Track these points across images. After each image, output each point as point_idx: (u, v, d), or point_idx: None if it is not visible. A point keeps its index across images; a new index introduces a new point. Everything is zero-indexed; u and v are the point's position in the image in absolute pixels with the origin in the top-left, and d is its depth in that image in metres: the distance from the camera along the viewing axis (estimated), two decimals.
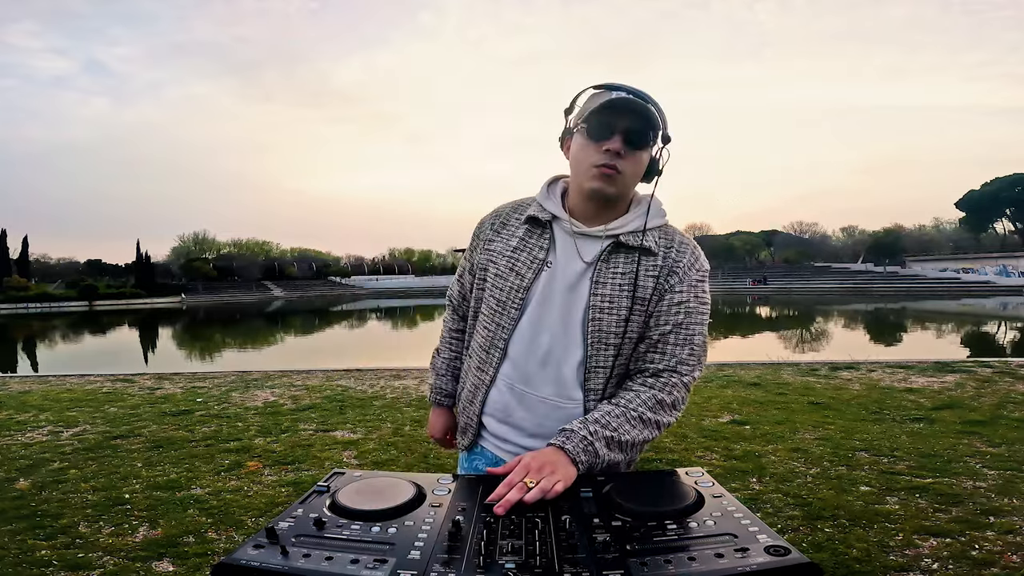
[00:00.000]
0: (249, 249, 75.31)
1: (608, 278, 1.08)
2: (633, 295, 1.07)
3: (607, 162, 1.03)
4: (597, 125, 1.03)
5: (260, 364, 11.80)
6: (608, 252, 1.09)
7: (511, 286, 1.12)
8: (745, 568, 0.67)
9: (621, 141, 1.03)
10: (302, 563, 0.70)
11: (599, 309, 1.07)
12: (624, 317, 1.07)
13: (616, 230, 1.09)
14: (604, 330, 1.07)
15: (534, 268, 1.11)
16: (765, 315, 28.63)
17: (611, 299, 1.07)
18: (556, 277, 1.10)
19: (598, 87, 1.08)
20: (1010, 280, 43.78)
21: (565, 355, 1.10)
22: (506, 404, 1.15)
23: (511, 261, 1.13)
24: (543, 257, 1.11)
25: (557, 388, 1.11)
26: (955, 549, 2.46)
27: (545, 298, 1.10)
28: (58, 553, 2.57)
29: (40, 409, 5.62)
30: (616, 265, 1.08)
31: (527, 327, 1.11)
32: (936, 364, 7.14)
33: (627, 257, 1.09)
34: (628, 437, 1.01)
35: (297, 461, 3.87)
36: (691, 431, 4.40)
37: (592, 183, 1.06)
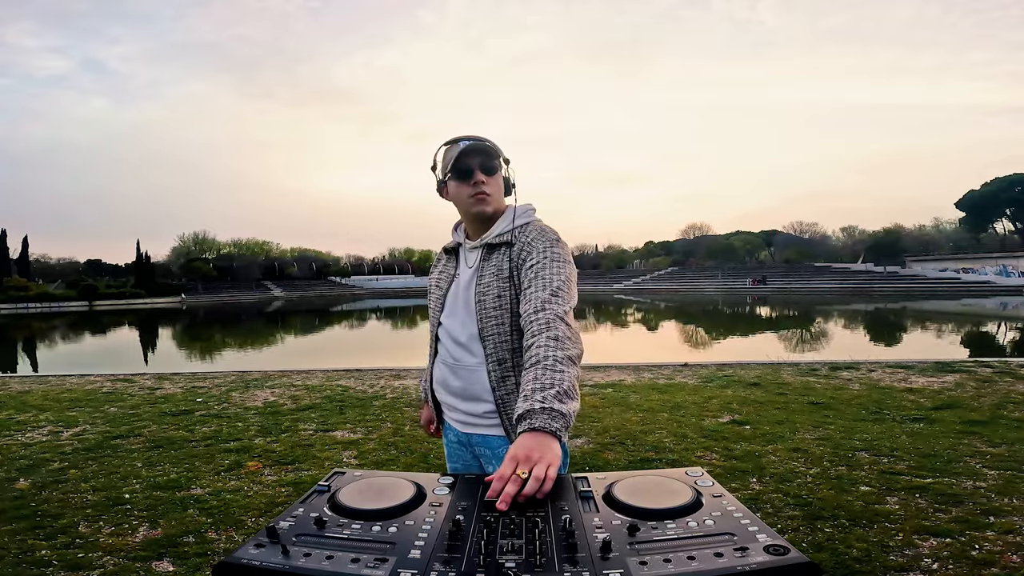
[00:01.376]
0: (249, 249, 75.23)
1: (486, 271, 1.43)
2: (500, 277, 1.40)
3: (477, 191, 1.41)
4: (461, 169, 1.42)
5: (260, 364, 11.80)
6: (487, 253, 1.45)
7: (435, 297, 1.55)
8: (745, 567, 0.68)
9: (480, 174, 1.41)
10: (303, 562, 0.71)
11: (482, 293, 1.42)
12: (496, 294, 1.40)
13: (486, 238, 1.45)
14: (487, 307, 1.40)
15: (447, 281, 1.53)
16: (765, 315, 28.63)
17: (488, 284, 1.41)
18: (459, 282, 1.50)
19: (448, 143, 1.46)
20: (1010, 280, 43.79)
21: (468, 331, 1.44)
22: (444, 376, 1.50)
23: (437, 281, 1.58)
24: (452, 272, 1.53)
25: (468, 355, 1.44)
26: (955, 549, 2.46)
27: (454, 299, 1.49)
28: (58, 553, 2.57)
29: (40, 409, 5.62)
30: (491, 261, 1.44)
31: (446, 320, 1.50)
32: (936, 364, 7.15)
33: (497, 253, 1.43)
34: (567, 383, 1.09)
35: (297, 461, 3.87)
36: (691, 431, 4.40)
37: (475, 208, 1.43)
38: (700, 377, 6.74)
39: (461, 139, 1.44)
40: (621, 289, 59.63)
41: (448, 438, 1.56)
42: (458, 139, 1.44)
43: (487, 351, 1.41)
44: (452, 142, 1.45)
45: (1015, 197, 56.70)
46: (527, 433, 1.00)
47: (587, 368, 7.38)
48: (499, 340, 1.39)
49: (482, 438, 1.42)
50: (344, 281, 74.23)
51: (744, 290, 51.22)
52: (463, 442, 1.48)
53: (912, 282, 48.01)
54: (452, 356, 1.48)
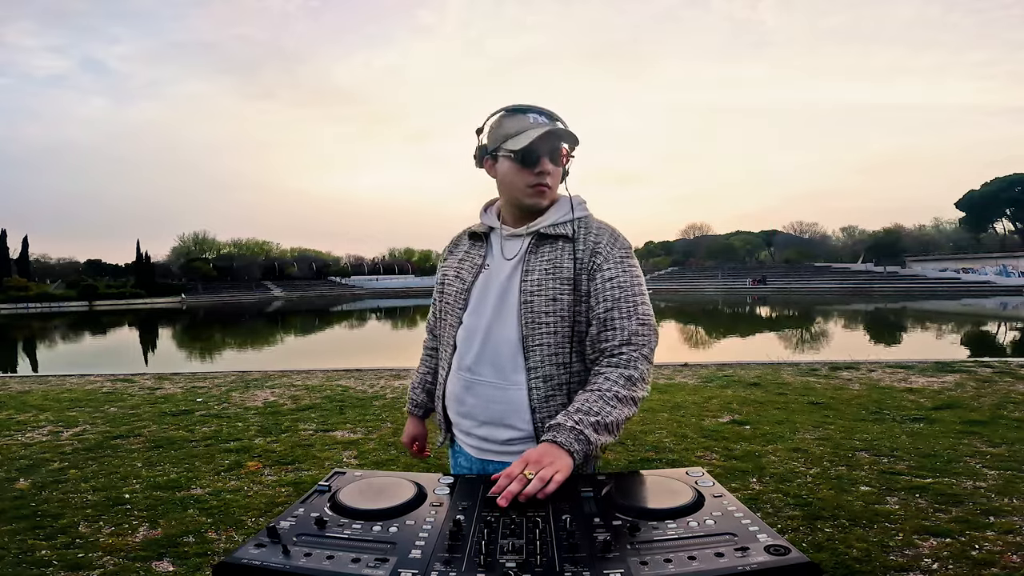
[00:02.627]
0: (249, 249, 75.25)
1: (535, 266, 1.21)
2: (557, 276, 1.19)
3: (540, 182, 1.20)
4: (527, 154, 1.18)
5: (260, 364, 11.80)
6: (535, 244, 1.23)
7: (456, 289, 1.29)
8: (745, 567, 0.68)
9: (548, 162, 1.20)
10: (303, 562, 0.71)
11: (529, 293, 1.19)
12: (552, 297, 1.18)
13: (536, 226, 1.24)
14: (535, 310, 1.18)
15: (473, 272, 1.28)
16: (765, 315, 28.63)
17: (539, 283, 1.19)
18: (492, 275, 1.25)
19: (510, 111, 1.22)
20: (1010, 280, 43.79)
21: (503, 338, 1.21)
22: (459, 394, 1.26)
23: (457, 271, 1.32)
24: (480, 262, 1.28)
25: (496, 371, 1.21)
26: (955, 549, 2.46)
27: (483, 294, 1.25)
28: (58, 553, 2.57)
29: (40, 409, 5.62)
30: (542, 255, 1.22)
31: (470, 321, 1.25)
32: (936, 364, 7.14)
33: (551, 247, 1.22)
34: (611, 418, 1.06)
35: (297, 461, 3.87)
36: (691, 431, 4.40)
37: (530, 200, 1.22)
38: (700, 377, 6.74)
39: (531, 111, 1.21)
40: None
41: (457, 461, 1.32)
42: (526, 109, 1.21)
43: (530, 363, 1.18)
44: (518, 111, 1.21)
45: (1015, 197, 56.68)
46: (546, 443, 1.01)
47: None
48: (548, 352, 1.18)
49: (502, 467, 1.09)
50: (344, 281, 74.23)
51: (744, 290, 51.21)
52: (476, 470, 1.25)
53: (912, 282, 48.01)
54: (472, 368, 1.23)
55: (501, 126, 1.22)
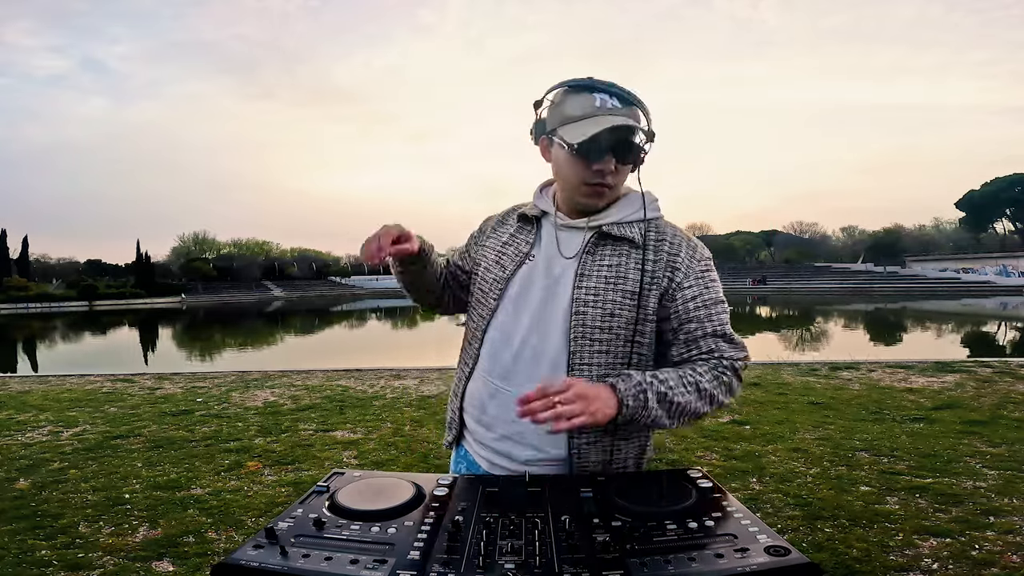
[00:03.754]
0: (249, 249, 75.30)
1: (593, 271, 1.04)
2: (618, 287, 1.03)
3: (599, 180, 1.03)
4: (588, 146, 0.98)
5: (260, 364, 11.80)
6: (594, 244, 1.06)
7: (494, 277, 1.12)
8: (745, 568, 0.67)
9: (613, 160, 1.01)
10: (301, 563, 0.71)
11: (583, 303, 1.02)
12: (610, 311, 1.02)
13: (599, 220, 1.07)
14: (588, 324, 1.02)
15: (516, 261, 1.11)
16: (765, 315, 28.62)
17: (596, 292, 1.03)
18: (538, 270, 1.09)
19: (577, 87, 1.02)
20: (1010, 280, 43.78)
21: (544, 350, 1.05)
22: (481, 399, 1.12)
23: (498, 255, 1.15)
24: (527, 251, 1.11)
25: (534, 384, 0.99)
26: (955, 549, 2.46)
27: (524, 290, 1.08)
28: (58, 553, 2.57)
29: (40, 409, 5.62)
30: (602, 258, 1.05)
31: (505, 319, 1.09)
32: (936, 364, 7.14)
33: (614, 249, 1.06)
34: (681, 400, 0.96)
35: (297, 461, 3.87)
36: (691, 431, 4.39)
37: (584, 200, 1.06)
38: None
39: (600, 89, 1.00)
40: None
41: (459, 469, 1.19)
42: (594, 87, 1.00)
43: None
44: (584, 88, 1.01)
45: (1015, 197, 56.68)
46: (606, 385, 0.93)
47: None
48: (598, 373, 1.02)
49: None
50: (344, 281, 74.25)
51: (744, 290, 51.18)
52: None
53: (912, 282, 48.01)
54: (504, 378, 1.07)
55: (563, 103, 1.02)
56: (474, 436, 1.15)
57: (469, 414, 1.16)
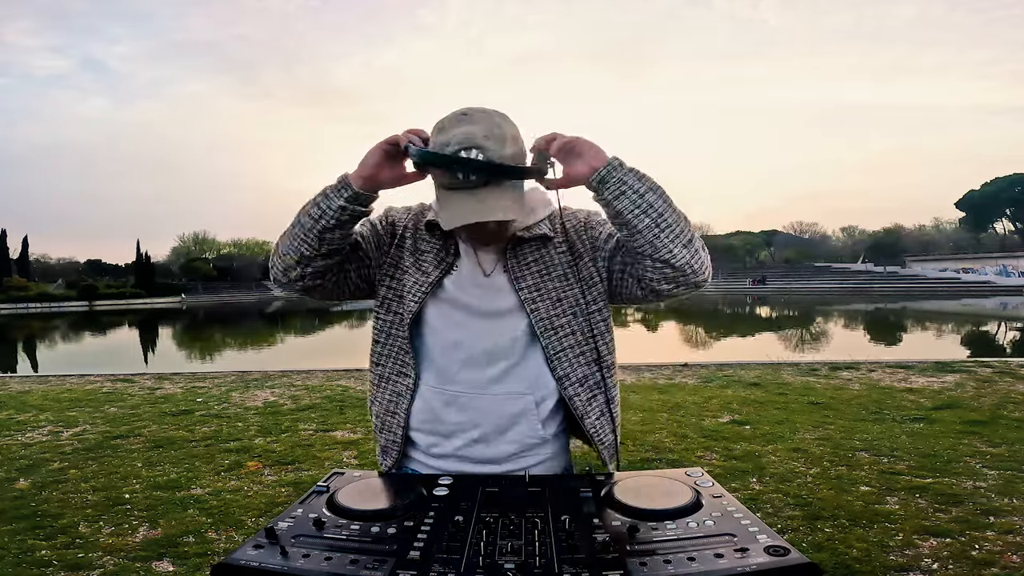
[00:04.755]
0: (249, 249, 75.32)
1: (525, 271, 1.08)
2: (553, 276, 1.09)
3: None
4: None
5: (260, 364, 11.79)
6: (512, 251, 1.09)
7: (415, 282, 1.09)
8: (745, 568, 0.67)
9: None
10: (301, 563, 0.71)
11: (531, 300, 1.07)
12: (556, 298, 1.08)
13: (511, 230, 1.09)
14: (544, 316, 1.07)
15: (441, 268, 1.09)
16: (765, 315, 28.63)
17: (537, 287, 1.08)
18: (464, 277, 1.09)
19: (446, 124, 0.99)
20: (1010, 280, 43.78)
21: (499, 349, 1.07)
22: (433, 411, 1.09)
23: (416, 259, 1.11)
24: (451, 261, 1.10)
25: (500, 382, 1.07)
26: (955, 549, 2.46)
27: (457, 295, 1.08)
28: (58, 553, 2.57)
29: (40, 409, 5.62)
30: (525, 257, 1.09)
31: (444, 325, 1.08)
32: (936, 364, 7.14)
33: (531, 248, 1.10)
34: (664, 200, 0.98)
35: (297, 461, 3.87)
36: (691, 431, 4.39)
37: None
38: (700, 377, 6.73)
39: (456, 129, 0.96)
40: None
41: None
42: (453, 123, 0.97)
43: (560, 372, 1.08)
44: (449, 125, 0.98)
45: (1015, 197, 56.74)
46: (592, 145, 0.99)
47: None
48: (574, 354, 1.09)
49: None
50: None
51: (744, 290, 51.19)
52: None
53: (912, 282, 48.01)
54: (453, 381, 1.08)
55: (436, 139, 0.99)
56: (428, 452, 1.11)
57: (418, 431, 1.11)
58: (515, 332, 1.08)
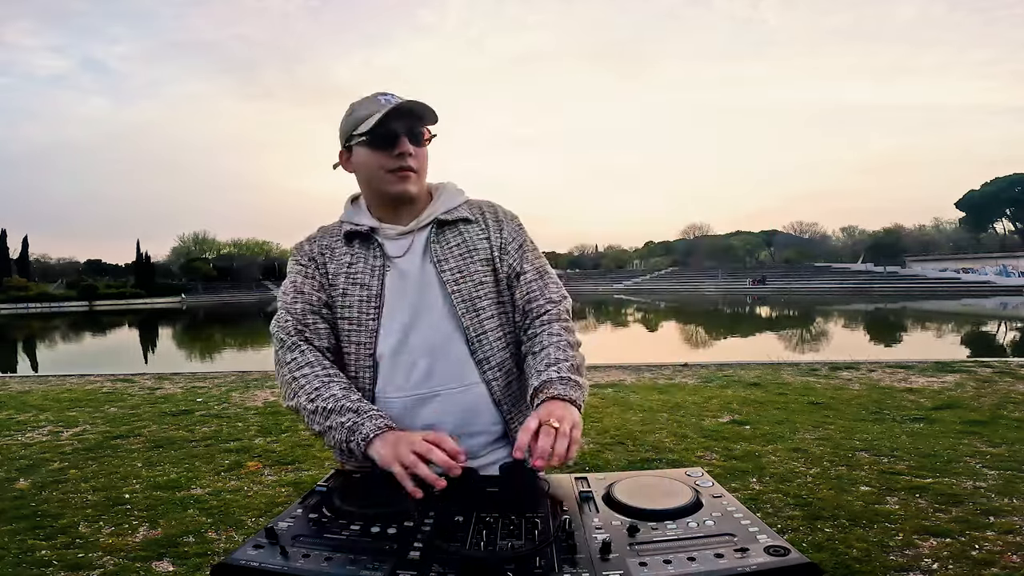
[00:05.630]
0: (249, 249, 75.34)
1: (447, 253, 1.12)
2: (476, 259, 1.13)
3: (402, 164, 1.08)
4: (383, 134, 1.07)
5: (260, 364, 11.78)
6: (436, 234, 1.13)
7: (359, 298, 1.10)
8: (745, 568, 0.67)
9: (407, 143, 1.08)
10: (301, 563, 0.70)
11: (454, 282, 1.10)
12: (478, 280, 1.12)
13: (431, 215, 1.15)
14: (468, 298, 1.10)
15: (377, 275, 1.10)
16: (765, 315, 28.62)
17: (459, 269, 1.11)
18: (400, 275, 1.11)
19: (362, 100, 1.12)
20: (1010, 280, 43.76)
21: (444, 339, 1.09)
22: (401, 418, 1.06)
23: (350, 276, 1.11)
24: (381, 263, 1.11)
25: (450, 375, 1.08)
26: (955, 549, 2.46)
27: (398, 299, 1.10)
28: (58, 553, 2.57)
29: (40, 409, 5.62)
30: (448, 241, 1.14)
31: (391, 334, 1.08)
32: (936, 364, 7.14)
33: (455, 231, 1.15)
34: (578, 361, 1.08)
35: (297, 461, 3.87)
36: (691, 431, 4.40)
37: (395, 187, 1.10)
38: (700, 377, 6.73)
39: (383, 95, 1.10)
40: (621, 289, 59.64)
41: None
42: (378, 95, 1.10)
43: (479, 355, 1.09)
44: (368, 98, 1.11)
45: (1015, 197, 56.75)
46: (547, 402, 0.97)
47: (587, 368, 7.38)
48: (493, 338, 1.12)
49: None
50: None
51: (744, 290, 51.20)
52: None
53: (912, 282, 47.99)
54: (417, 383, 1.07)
55: (352, 114, 1.11)
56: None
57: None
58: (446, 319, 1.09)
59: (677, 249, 78.85)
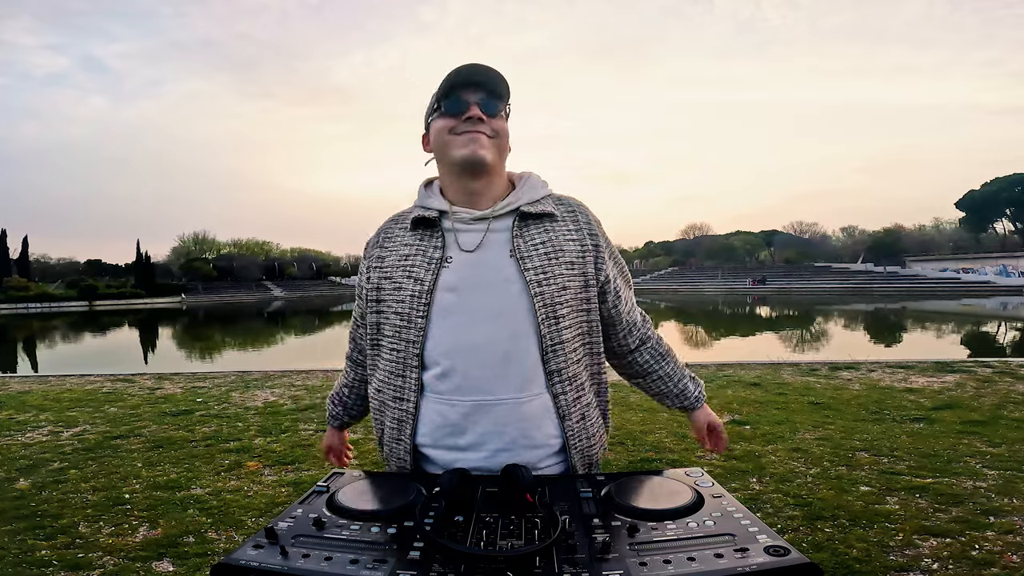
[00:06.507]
0: (249, 249, 75.36)
1: (531, 250, 1.03)
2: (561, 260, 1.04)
3: (471, 128, 1.02)
4: (452, 101, 1.03)
5: (260, 364, 11.79)
6: (519, 227, 1.05)
7: (411, 293, 1.02)
8: (745, 568, 0.67)
9: (478, 109, 1.02)
10: (301, 563, 0.71)
11: (537, 283, 1.00)
12: (562, 285, 1.02)
13: (512, 204, 1.06)
14: (550, 304, 1.00)
15: (432, 268, 1.02)
16: (765, 315, 28.62)
17: (543, 269, 1.01)
18: (465, 269, 1.02)
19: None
20: (1010, 280, 43.76)
21: (516, 344, 1.00)
22: (453, 424, 1.01)
23: (405, 269, 1.05)
24: (440, 255, 1.03)
25: (517, 383, 1.00)
26: (955, 549, 2.46)
27: (457, 294, 1.01)
28: (58, 553, 2.57)
29: (40, 409, 5.62)
30: (532, 237, 1.04)
31: (449, 331, 1.01)
32: (936, 364, 7.14)
33: (538, 227, 1.06)
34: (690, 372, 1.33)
35: (297, 461, 3.87)
36: (691, 431, 4.39)
37: (462, 150, 1.02)
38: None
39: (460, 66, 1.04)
40: None
41: None
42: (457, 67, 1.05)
43: (551, 366, 1.01)
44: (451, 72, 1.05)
45: (1015, 197, 56.73)
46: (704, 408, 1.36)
47: None
48: (569, 348, 1.03)
49: None
50: (344, 281, 74.19)
51: (744, 290, 51.18)
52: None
53: (912, 282, 47.99)
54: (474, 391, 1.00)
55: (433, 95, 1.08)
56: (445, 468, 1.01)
57: (435, 447, 1.04)
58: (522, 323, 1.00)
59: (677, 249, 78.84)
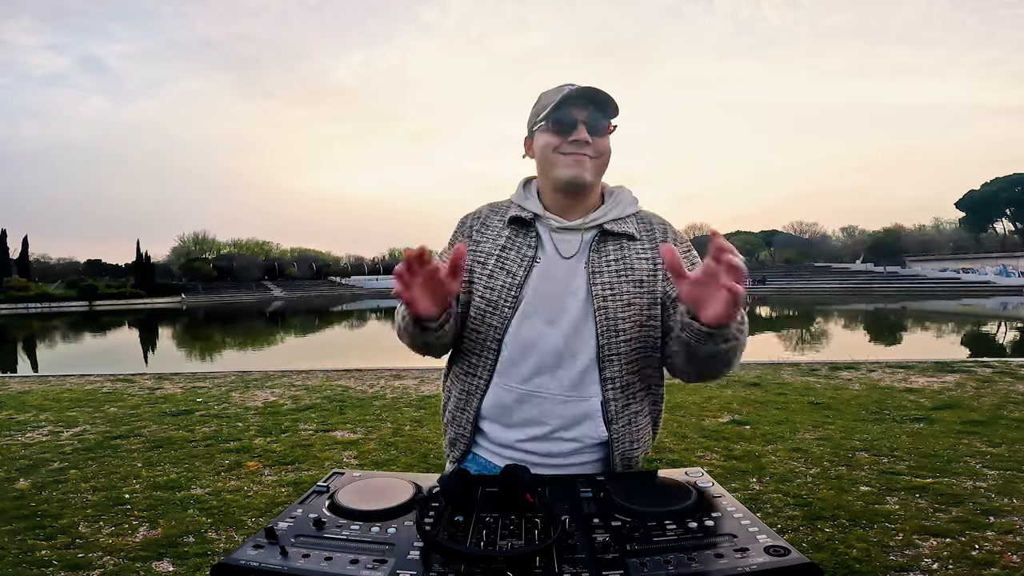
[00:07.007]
0: (249, 249, 75.34)
1: (603, 266, 1.10)
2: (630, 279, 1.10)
3: (576, 150, 1.08)
4: (560, 119, 1.07)
5: (260, 364, 11.79)
6: (598, 242, 1.12)
7: (502, 284, 1.11)
8: (745, 568, 0.67)
9: (585, 131, 1.08)
10: (301, 563, 0.70)
11: (602, 297, 1.07)
12: (626, 302, 1.08)
13: (598, 219, 1.12)
14: (611, 317, 1.07)
15: (525, 265, 1.11)
16: (765, 315, 28.62)
17: (611, 286, 1.08)
18: (548, 273, 1.11)
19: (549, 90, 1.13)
20: (1010, 280, 43.72)
21: (575, 349, 1.08)
22: (505, 406, 1.11)
23: (500, 260, 1.13)
24: (532, 254, 1.12)
25: (569, 384, 1.08)
26: (955, 549, 2.46)
27: (540, 295, 1.10)
28: (58, 553, 2.57)
29: (40, 409, 5.62)
30: (607, 254, 1.11)
31: (525, 324, 1.09)
32: (936, 364, 7.14)
33: (616, 244, 1.12)
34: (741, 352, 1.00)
35: (297, 461, 3.87)
36: (691, 431, 4.39)
37: (566, 171, 1.08)
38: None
39: (569, 84, 1.10)
40: None
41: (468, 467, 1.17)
42: (565, 84, 1.11)
43: (606, 374, 1.08)
44: (556, 88, 1.12)
45: (1015, 197, 56.70)
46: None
47: None
48: (625, 360, 1.09)
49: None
50: (344, 281, 74.21)
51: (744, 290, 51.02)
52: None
53: (912, 282, 47.96)
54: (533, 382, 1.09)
55: (538, 102, 1.14)
56: (496, 441, 1.13)
57: (491, 422, 1.13)
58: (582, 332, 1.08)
59: None
